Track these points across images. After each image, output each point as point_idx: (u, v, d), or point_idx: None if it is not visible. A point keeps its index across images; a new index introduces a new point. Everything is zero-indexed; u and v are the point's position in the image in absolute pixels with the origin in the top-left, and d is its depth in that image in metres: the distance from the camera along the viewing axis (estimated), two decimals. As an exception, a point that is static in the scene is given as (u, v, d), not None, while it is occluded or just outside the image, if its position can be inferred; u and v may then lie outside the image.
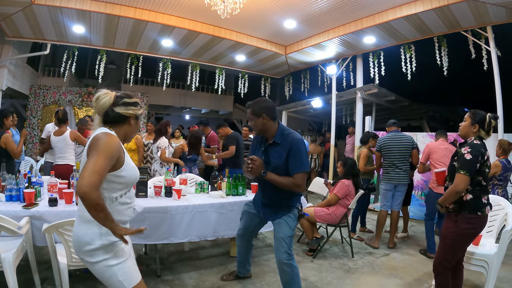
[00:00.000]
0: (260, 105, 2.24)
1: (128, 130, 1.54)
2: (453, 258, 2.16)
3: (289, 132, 2.24)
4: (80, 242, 1.41)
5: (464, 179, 2.02)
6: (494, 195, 3.17)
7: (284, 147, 2.18)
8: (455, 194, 2.06)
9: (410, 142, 3.94)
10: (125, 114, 1.50)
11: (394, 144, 3.93)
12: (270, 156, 2.25)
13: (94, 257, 1.40)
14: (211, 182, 3.43)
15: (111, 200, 1.43)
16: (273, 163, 2.22)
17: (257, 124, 2.23)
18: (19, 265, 2.13)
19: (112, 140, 1.39)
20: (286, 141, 2.19)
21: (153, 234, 2.60)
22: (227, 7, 4.41)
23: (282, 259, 2.21)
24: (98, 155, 1.32)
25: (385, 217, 3.96)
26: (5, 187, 2.45)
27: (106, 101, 1.46)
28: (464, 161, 2.04)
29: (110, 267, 1.42)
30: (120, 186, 1.46)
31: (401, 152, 3.90)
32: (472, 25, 5.08)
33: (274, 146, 2.24)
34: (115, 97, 1.49)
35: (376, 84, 6.62)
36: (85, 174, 1.26)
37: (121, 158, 1.44)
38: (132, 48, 7.17)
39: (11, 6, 5.04)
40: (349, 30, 5.79)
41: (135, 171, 1.53)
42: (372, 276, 3.10)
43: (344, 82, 7.46)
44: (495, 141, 4.86)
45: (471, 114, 2.19)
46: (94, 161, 1.30)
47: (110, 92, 1.51)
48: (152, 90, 11.00)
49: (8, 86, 6.83)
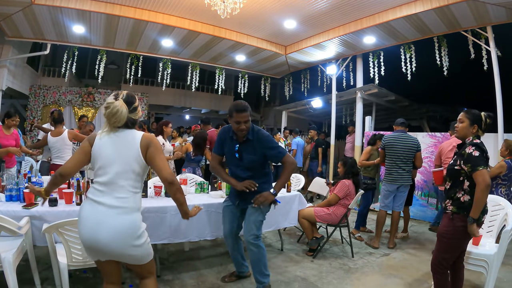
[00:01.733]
0: (249, 107, 2.44)
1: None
2: (450, 256, 2.16)
3: (257, 129, 2.49)
4: (133, 228, 1.61)
5: (484, 173, 2.01)
6: (494, 195, 3.17)
7: (257, 142, 2.44)
8: (486, 191, 2.01)
9: (416, 143, 3.89)
10: (137, 117, 1.76)
11: (399, 143, 3.88)
12: (244, 152, 2.48)
13: (143, 237, 1.65)
14: (211, 182, 3.43)
15: (142, 188, 1.77)
16: (248, 158, 2.46)
17: (249, 124, 2.43)
18: (19, 265, 2.13)
19: None
20: (257, 137, 2.45)
21: (153, 234, 2.59)
22: (227, 7, 4.41)
23: (249, 239, 2.45)
24: (160, 151, 1.70)
25: (384, 217, 3.95)
26: (5, 187, 2.45)
27: (124, 110, 1.64)
28: (475, 158, 2.04)
29: (149, 243, 1.70)
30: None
31: (405, 153, 3.85)
32: (472, 25, 5.08)
33: (246, 142, 2.46)
34: (126, 106, 1.65)
35: (376, 84, 6.63)
36: (166, 166, 1.67)
37: None
38: (132, 48, 7.18)
39: (11, 6, 5.05)
40: (349, 30, 5.79)
41: None
42: (372, 276, 3.10)
43: (344, 82, 7.46)
44: (495, 141, 4.88)
45: (467, 114, 2.18)
46: (162, 156, 1.69)
47: (117, 102, 1.63)
48: (152, 90, 11.02)
49: (8, 86, 6.84)
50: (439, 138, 5.29)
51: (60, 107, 8.35)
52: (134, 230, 1.61)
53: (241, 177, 2.51)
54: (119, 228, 1.57)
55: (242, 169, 2.51)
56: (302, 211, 3.57)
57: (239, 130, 2.38)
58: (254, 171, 2.50)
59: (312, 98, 8.38)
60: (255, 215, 2.48)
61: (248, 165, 2.48)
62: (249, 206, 2.52)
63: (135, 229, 1.61)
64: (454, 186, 2.17)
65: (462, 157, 2.11)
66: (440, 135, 5.45)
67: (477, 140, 2.13)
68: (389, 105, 8.00)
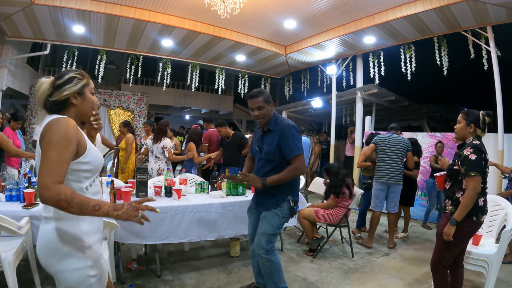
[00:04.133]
0: (267, 94, 2.33)
1: (77, 112, 1.32)
2: (449, 256, 2.16)
3: (281, 119, 2.34)
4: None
5: (476, 180, 2.01)
6: (494, 195, 3.17)
7: (276, 133, 2.28)
8: (474, 197, 2.01)
9: (406, 143, 3.96)
10: (62, 98, 1.26)
11: (389, 142, 3.94)
12: (264, 143, 2.35)
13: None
14: (211, 182, 3.43)
15: (82, 192, 1.26)
16: (265, 149, 2.32)
17: (268, 111, 2.31)
18: (19, 265, 2.13)
19: (67, 124, 1.19)
20: (278, 128, 2.29)
21: (153, 234, 2.60)
22: (227, 7, 4.41)
23: (260, 253, 2.26)
24: (51, 147, 1.13)
25: (378, 217, 3.94)
26: (5, 187, 2.45)
27: (43, 91, 1.28)
28: (470, 162, 2.03)
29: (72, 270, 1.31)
30: (87, 174, 1.28)
31: (395, 151, 3.90)
32: (472, 25, 5.08)
33: (268, 133, 2.34)
34: (51, 84, 1.28)
35: (376, 84, 6.62)
36: (43, 168, 1.11)
37: (82, 141, 1.24)
38: (132, 48, 7.17)
39: (11, 6, 5.04)
40: (349, 30, 5.79)
41: (98, 152, 1.36)
42: (372, 276, 3.10)
43: (344, 82, 7.45)
44: (495, 141, 4.88)
45: (464, 115, 2.18)
46: (49, 155, 1.12)
47: (47, 79, 1.31)
48: (152, 90, 11.01)
49: (8, 86, 6.83)
50: (439, 138, 5.29)
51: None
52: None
53: (261, 172, 2.32)
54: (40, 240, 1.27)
55: (263, 162, 2.33)
56: (302, 211, 3.57)
57: (255, 118, 2.32)
58: (274, 166, 2.28)
59: (312, 98, 8.38)
60: (264, 227, 2.29)
61: (266, 157, 2.30)
62: (261, 216, 2.35)
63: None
64: (453, 186, 2.17)
65: (459, 158, 2.12)
66: (440, 135, 5.45)
67: (477, 141, 2.12)
68: (389, 105, 8.00)
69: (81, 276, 1.23)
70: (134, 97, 9.13)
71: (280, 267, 2.33)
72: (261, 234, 2.28)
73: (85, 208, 1.11)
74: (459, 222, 2.05)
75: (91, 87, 1.37)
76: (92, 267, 1.26)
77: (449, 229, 2.06)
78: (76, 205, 1.09)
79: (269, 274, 2.30)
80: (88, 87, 1.36)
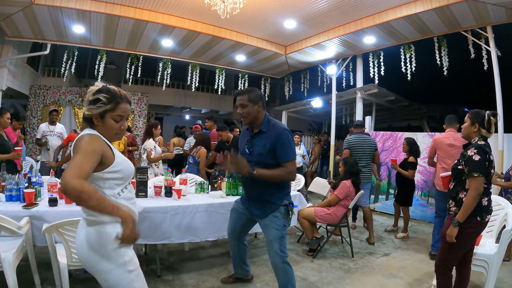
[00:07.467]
0: (256, 93, 2.27)
1: (102, 131, 1.40)
2: (454, 257, 2.15)
3: (275, 122, 2.28)
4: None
5: (479, 181, 2.00)
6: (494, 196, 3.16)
7: (270, 136, 2.21)
8: (476, 198, 2.00)
9: (374, 143, 4.29)
10: (87, 116, 1.39)
11: (360, 144, 4.20)
12: (254, 145, 2.28)
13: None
14: (211, 182, 3.43)
15: (115, 197, 1.38)
16: (256, 151, 2.25)
17: (253, 111, 2.24)
18: (19, 265, 2.13)
19: (92, 138, 1.32)
20: (272, 131, 2.23)
21: (153, 234, 2.60)
22: (227, 7, 4.42)
23: (277, 262, 2.23)
24: (75, 153, 1.27)
25: (368, 212, 4.19)
26: (5, 187, 2.45)
27: (85, 101, 1.40)
28: (474, 163, 2.02)
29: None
30: (119, 181, 1.40)
31: (365, 152, 4.18)
32: (472, 25, 5.08)
33: (259, 134, 2.28)
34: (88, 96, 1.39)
35: (376, 84, 6.63)
36: (68, 168, 1.21)
37: (108, 154, 1.35)
38: (132, 48, 7.17)
39: (11, 6, 5.04)
40: (349, 30, 5.79)
41: (129, 163, 1.48)
42: (372, 276, 3.10)
43: (344, 82, 7.46)
44: (495, 142, 4.88)
45: (470, 114, 2.18)
46: (75, 157, 1.26)
47: (93, 87, 1.41)
48: (152, 90, 11.01)
49: (8, 86, 6.83)
50: (439, 138, 5.28)
51: (60, 107, 8.34)
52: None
53: (247, 179, 2.26)
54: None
55: (253, 164, 2.17)
56: (302, 211, 3.57)
57: (241, 116, 2.30)
58: (264, 168, 2.20)
59: (312, 98, 8.39)
60: (271, 234, 2.23)
61: (257, 159, 2.22)
62: (261, 225, 2.32)
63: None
64: (456, 186, 2.16)
65: (463, 158, 2.11)
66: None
67: (482, 141, 2.11)
68: (389, 105, 8.01)
69: (122, 273, 1.36)
70: (134, 97, 9.12)
71: (293, 273, 2.30)
72: (272, 241, 2.23)
73: (103, 204, 1.22)
74: (462, 223, 2.03)
75: (115, 113, 1.40)
76: (130, 263, 1.38)
77: (451, 231, 2.04)
78: (96, 200, 1.19)
79: (285, 282, 2.26)
80: (112, 113, 1.39)
